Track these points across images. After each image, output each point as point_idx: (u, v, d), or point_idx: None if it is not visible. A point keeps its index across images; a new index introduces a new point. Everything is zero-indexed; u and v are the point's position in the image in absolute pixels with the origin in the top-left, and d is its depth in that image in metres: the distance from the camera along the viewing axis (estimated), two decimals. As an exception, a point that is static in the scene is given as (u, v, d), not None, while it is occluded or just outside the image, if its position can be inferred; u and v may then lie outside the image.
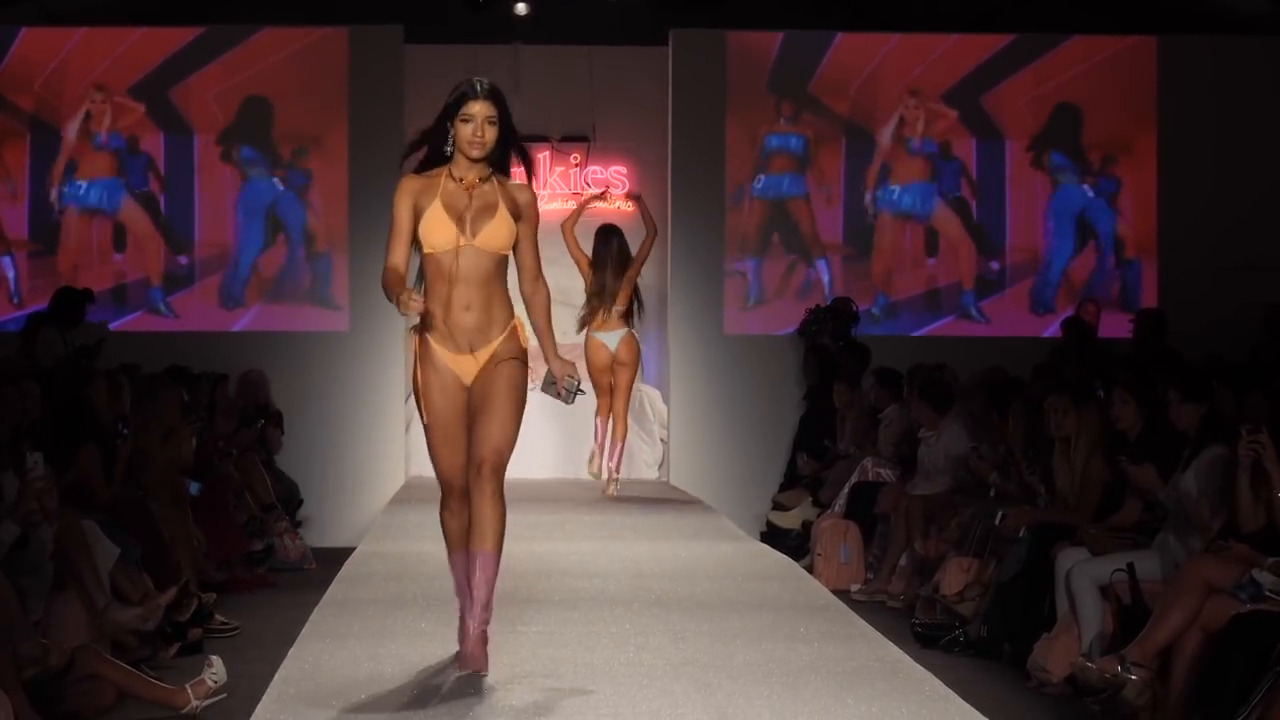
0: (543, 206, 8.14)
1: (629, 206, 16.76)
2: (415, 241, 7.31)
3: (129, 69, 15.90)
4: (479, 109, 7.19)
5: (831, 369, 15.18)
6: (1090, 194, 16.01)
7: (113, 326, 15.27)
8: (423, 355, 7.33)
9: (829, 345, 15.36)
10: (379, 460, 15.54)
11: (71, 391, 11.70)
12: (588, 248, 13.93)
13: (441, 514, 7.53)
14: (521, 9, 15.75)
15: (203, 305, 16.01)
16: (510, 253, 7.38)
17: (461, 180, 7.28)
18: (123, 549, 10.23)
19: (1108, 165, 15.90)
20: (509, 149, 7.41)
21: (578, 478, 15.58)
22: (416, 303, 7.03)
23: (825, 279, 16.12)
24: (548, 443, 16.18)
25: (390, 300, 7.15)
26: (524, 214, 7.35)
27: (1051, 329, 15.70)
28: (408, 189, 7.29)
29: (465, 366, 7.31)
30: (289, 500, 15.13)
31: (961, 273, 16.30)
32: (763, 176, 16.14)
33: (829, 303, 15.59)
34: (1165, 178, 15.75)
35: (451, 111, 7.25)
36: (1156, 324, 14.64)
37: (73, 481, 10.33)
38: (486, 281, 7.30)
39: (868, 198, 16.17)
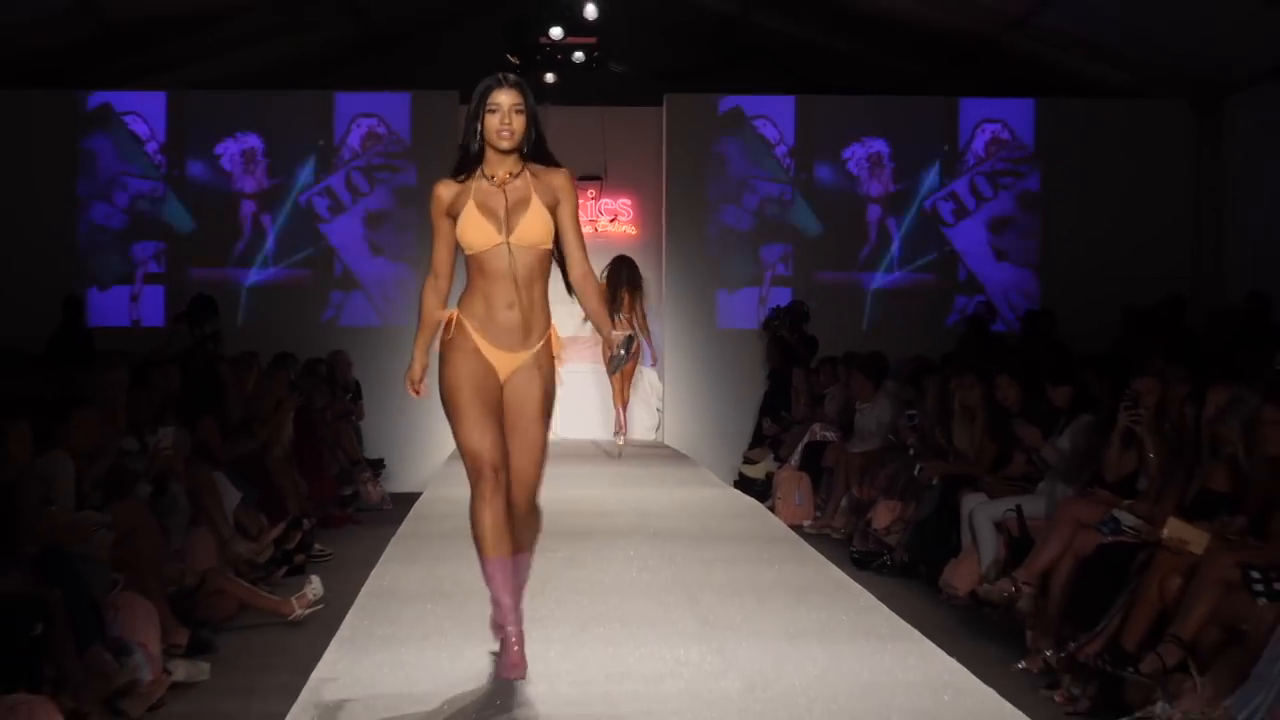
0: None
1: (632, 231, 16.79)
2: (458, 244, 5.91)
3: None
4: (504, 98, 5.79)
5: (788, 355, 15.20)
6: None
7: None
8: (458, 338, 5.79)
9: (787, 337, 15.36)
10: (442, 423, 15.52)
11: (201, 372, 11.74)
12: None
13: (472, 507, 5.83)
14: (550, 78, 15.74)
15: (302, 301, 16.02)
16: (552, 246, 5.87)
17: (493, 177, 5.83)
18: (244, 494, 10.29)
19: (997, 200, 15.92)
20: (540, 139, 5.92)
21: (594, 440, 15.57)
22: (418, 390, 6.00)
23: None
24: (571, 411, 16.21)
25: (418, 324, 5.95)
26: (560, 197, 5.86)
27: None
28: (441, 195, 5.86)
29: (502, 361, 5.80)
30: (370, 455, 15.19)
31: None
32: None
33: (788, 304, 15.59)
34: (1046, 208, 15.75)
35: (478, 106, 5.84)
36: (1044, 322, 14.68)
37: (201, 442, 10.37)
38: (530, 280, 5.79)
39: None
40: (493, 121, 5.78)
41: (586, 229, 16.49)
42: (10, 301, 13.33)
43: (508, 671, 5.70)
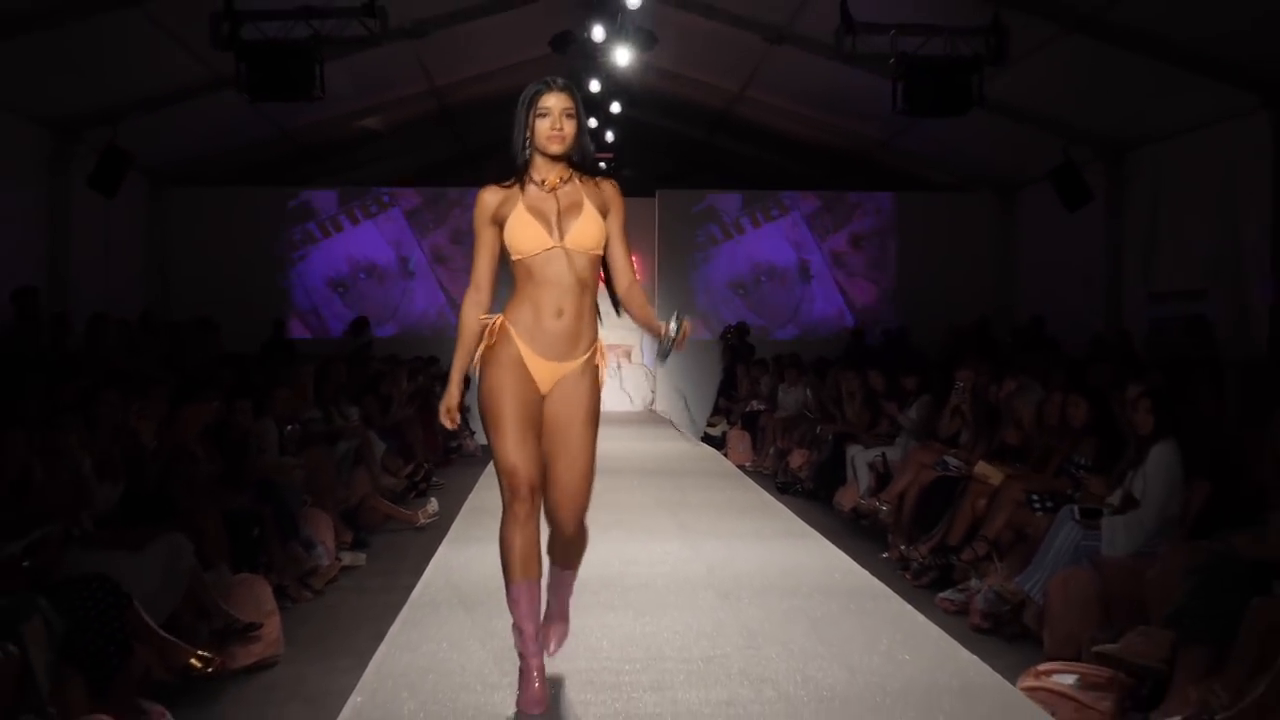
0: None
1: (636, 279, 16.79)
2: (502, 253, 3.76)
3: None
4: (555, 102, 3.69)
5: (736, 356, 15.20)
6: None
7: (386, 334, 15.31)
8: (501, 347, 3.69)
9: (735, 344, 15.37)
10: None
11: (361, 368, 11.76)
12: None
13: (503, 529, 3.67)
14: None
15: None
16: (602, 253, 3.80)
17: (543, 182, 3.73)
18: (387, 445, 10.29)
19: (871, 257, 15.92)
20: (587, 146, 3.80)
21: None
22: (451, 422, 3.77)
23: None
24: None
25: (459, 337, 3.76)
26: (610, 206, 3.81)
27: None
28: (486, 201, 3.72)
29: (546, 373, 3.70)
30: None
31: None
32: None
33: (735, 323, 15.62)
34: (901, 262, 15.76)
35: (526, 112, 3.72)
36: (899, 336, 14.72)
37: (364, 414, 10.39)
38: (580, 287, 3.72)
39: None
40: (543, 126, 3.71)
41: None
42: (240, 323, 13.31)
43: (527, 706, 3.66)
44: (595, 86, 13.26)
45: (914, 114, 10.01)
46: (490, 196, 3.75)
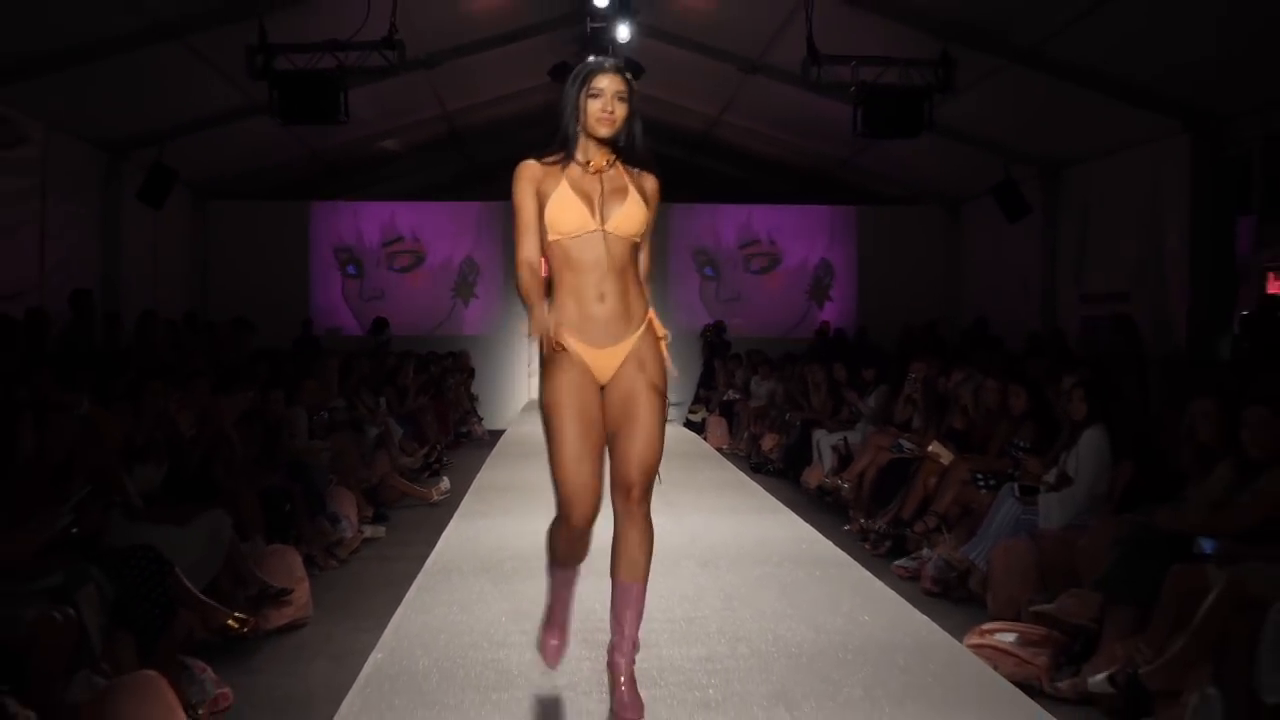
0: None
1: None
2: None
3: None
4: (608, 83, 3.16)
5: (714, 351, 15.19)
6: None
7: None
8: (555, 352, 3.07)
9: (714, 339, 15.36)
10: (519, 386, 15.48)
11: (380, 362, 11.70)
12: None
13: (553, 531, 3.27)
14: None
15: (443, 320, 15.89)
16: (639, 240, 3.27)
17: (588, 163, 3.21)
18: (404, 430, 10.26)
19: (827, 265, 15.88)
20: (635, 134, 3.25)
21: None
22: (556, 342, 3.05)
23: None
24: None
25: (524, 304, 3.13)
26: (649, 201, 3.31)
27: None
28: (528, 175, 3.18)
29: (602, 362, 3.16)
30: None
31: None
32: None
33: (714, 322, 15.59)
34: (862, 268, 15.74)
35: (578, 91, 3.18)
36: (860, 334, 14.72)
37: (386, 404, 10.35)
38: (622, 269, 3.19)
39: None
40: (595, 106, 3.17)
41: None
42: (271, 322, 13.23)
43: (548, 657, 3.45)
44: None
45: (872, 136, 9.99)
46: (532, 169, 3.21)
